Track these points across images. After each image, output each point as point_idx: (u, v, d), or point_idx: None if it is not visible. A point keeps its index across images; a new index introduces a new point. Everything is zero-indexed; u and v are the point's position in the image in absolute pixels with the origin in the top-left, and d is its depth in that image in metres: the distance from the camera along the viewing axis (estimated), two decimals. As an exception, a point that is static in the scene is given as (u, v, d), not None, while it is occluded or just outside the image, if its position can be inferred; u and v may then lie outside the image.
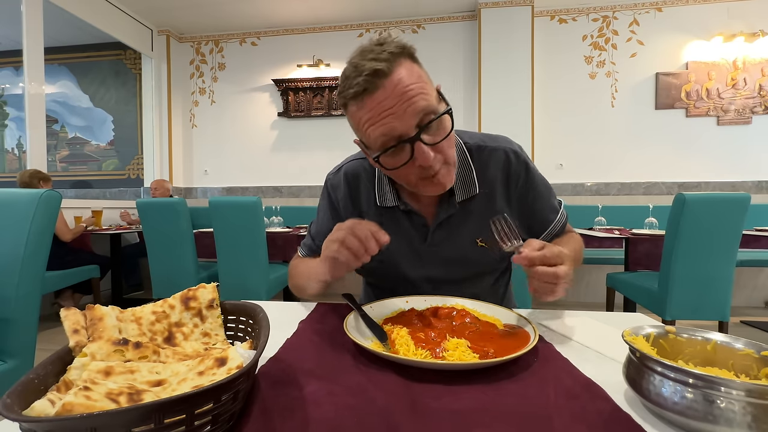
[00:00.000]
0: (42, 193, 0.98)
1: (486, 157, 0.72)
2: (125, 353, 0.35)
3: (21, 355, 0.97)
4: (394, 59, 0.54)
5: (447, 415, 0.33)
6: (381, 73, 0.53)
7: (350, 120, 0.62)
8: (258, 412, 0.33)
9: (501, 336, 0.49)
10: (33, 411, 0.26)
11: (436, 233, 0.72)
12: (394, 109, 0.54)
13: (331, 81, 3.67)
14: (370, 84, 0.53)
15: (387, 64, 0.53)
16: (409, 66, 0.56)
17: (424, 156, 0.56)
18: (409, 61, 0.56)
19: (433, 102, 0.56)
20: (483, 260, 0.73)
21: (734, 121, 3.23)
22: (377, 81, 0.53)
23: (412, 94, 0.54)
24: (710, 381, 0.29)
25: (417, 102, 0.54)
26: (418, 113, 0.54)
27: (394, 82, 0.53)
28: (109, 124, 4.28)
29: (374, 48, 0.56)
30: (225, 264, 2.24)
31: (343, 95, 0.58)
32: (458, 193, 0.70)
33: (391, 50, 0.54)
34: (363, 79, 0.54)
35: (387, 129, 0.55)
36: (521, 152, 0.74)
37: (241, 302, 0.47)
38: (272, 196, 3.88)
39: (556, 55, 3.43)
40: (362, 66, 0.54)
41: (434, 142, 0.57)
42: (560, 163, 3.46)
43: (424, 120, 0.55)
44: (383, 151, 0.57)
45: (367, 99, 0.55)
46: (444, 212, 0.70)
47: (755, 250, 2.52)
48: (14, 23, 2.77)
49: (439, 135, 0.57)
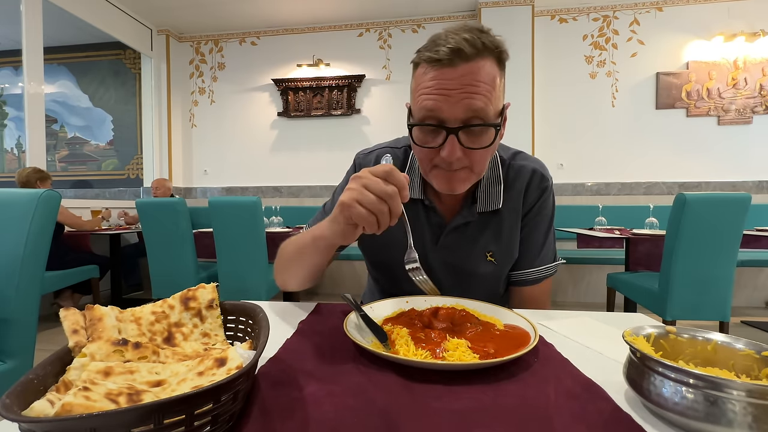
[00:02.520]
0: (41, 193, 0.98)
1: (515, 173, 0.71)
2: (125, 353, 0.35)
3: (20, 355, 0.97)
4: (483, 51, 0.53)
5: (447, 415, 0.33)
6: (464, 54, 0.52)
7: (413, 80, 0.60)
8: (258, 412, 0.33)
9: (501, 336, 0.48)
10: (32, 411, 0.26)
11: (450, 236, 0.71)
12: (453, 93, 0.53)
13: (331, 81, 3.67)
14: (448, 58, 0.52)
15: (474, 51, 0.52)
16: (491, 67, 0.54)
17: (451, 151, 0.55)
18: (494, 62, 0.55)
19: (491, 110, 0.55)
20: (489, 275, 0.72)
21: (735, 120, 3.23)
22: (455, 60, 0.52)
23: (476, 91, 0.53)
24: (711, 381, 0.29)
25: (474, 100, 0.53)
26: (470, 110, 0.54)
27: (468, 69, 0.52)
28: (109, 123, 4.28)
29: (474, 30, 0.54)
30: (225, 264, 2.24)
31: (420, 54, 0.57)
32: (480, 203, 0.69)
33: (486, 43, 0.53)
34: (444, 51, 0.52)
35: (435, 106, 0.54)
36: (547, 178, 0.72)
37: (240, 302, 0.47)
38: (272, 196, 3.88)
39: (557, 54, 3.43)
40: (453, 39, 0.53)
41: (468, 145, 0.56)
42: (561, 163, 3.46)
43: (471, 120, 0.54)
44: (420, 123, 0.57)
45: (438, 70, 0.54)
46: (462, 218, 0.70)
47: (756, 250, 2.51)
48: (13, 23, 2.77)
49: (476, 142, 0.56)
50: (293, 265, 0.67)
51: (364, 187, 0.47)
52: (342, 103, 3.71)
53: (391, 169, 0.48)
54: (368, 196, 0.46)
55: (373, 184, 0.47)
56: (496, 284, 0.74)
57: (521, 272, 0.74)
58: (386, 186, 0.47)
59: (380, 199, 0.46)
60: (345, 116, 3.73)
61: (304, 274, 0.66)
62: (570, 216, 3.18)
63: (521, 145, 3.28)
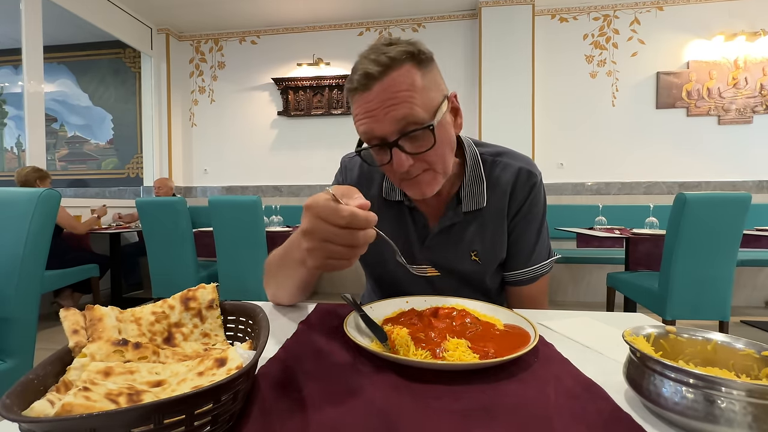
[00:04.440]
0: (41, 192, 0.98)
1: (499, 172, 0.71)
2: (125, 354, 0.35)
3: (20, 355, 0.97)
4: (392, 63, 0.54)
5: (447, 415, 0.33)
6: (372, 76, 0.54)
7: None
8: (258, 412, 0.33)
9: (501, 336, 0.48)
10: (32, 411, 0.26)
11: (436, 238, 0.71)
12: (376, 113, 0.55)
13: (331, 80, 3.67)
14: (362, 84, 0.55)
15: (381, 69, 0.54)
16: (408, 72, 0.55)
17: (399, 162, 0.57)
18: (411, 66, 0.55)
19: (419, 112, 0.55)
20: (473, 274, 0.73)
21: (735, 120, 3.22)
22: (368, 83, 0.55)
23: (396, 102, 0.54)
24: (711, 381, 0.29)
25: (398, 110, 0.54)
26: (399, 120, 0.55)
27: (382, 87, 0.54)
28: (109, 122, 4.28)
29: (380, 47, 0.56)
30: (225, 263, 2.24)
31: (346, 88, 0.60)
32: (465, 203, 0.69)
33: (393, 54, 0.54)
34: (357, 78, 0.56)
35: (367, 129, 0.57)
36: (535, 174, 0.71)
37: (240, 302, 0.47)
38: (272, 195, 3.88)
39: (557, 54, 3.43)
40: (361, 65, 0.56)
41: (414, 151, 0.57)
42: (561, 163, 3.46)
43: (405, 128, 0.55)
44: (366, 148, 0.60)
45: (358, 97, 0.57)
46: (448, 219, 0.70)
47: (756, 249, 2.52)
48: (13, 21, 2.77)
49: (420, 146, 0.57)
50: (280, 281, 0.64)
51: (328, 242, 0.41)
52: (342, 103, 3.71)
53: (351, 215, 0.40)
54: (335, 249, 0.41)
55: (338, 238, 0.41)
56: (480, 283, 0.74)
57: (517, 272, 0.73)
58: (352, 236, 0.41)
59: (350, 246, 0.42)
60: (345, 115, 3.73)
61: (292, 292, 0.63)
62: (570, 215, 3.18)
63: (521, 145, 3.29)
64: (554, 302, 3.23)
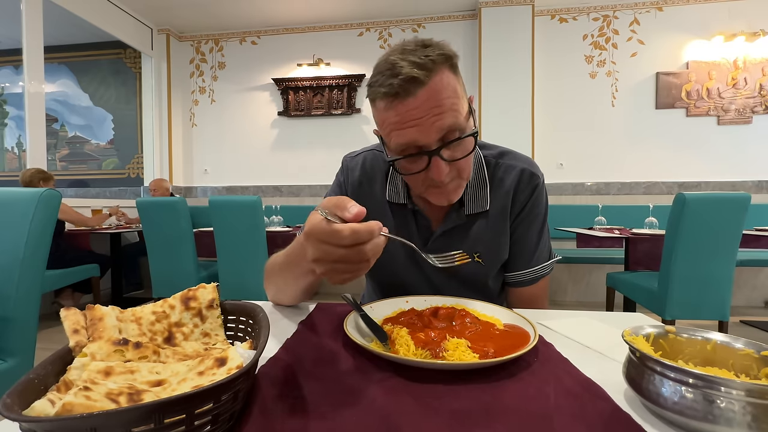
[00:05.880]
0: (42, 192, 0.98)
1: (502, 173, 0.70)
2: (125, 353, 0.35)
3: (21, 354, 0.97)
4: (434, 67, 0.51)
5: (447, 415, 0.33)
6: (418, 81, 0.50)
7: (375, 114, 0.58)
8: (258, 412, 0.33)
9: (501, 336, 0.49)
10: (33, 411, 0.26)
11: (439, 240, 0.71)
12: (422, 121, 0.52)
13: (331, 80, 3.67)
14: (404, 90, 0.51)
15: (426, 73, 0.50)
16: (448, 77, 0.53)
17: (438, 170, 0.55)
18: (449, 71, 0.53)
19: (462, 119, 0.54)
20: (476, 275, 0.72)
21: (735, 120, 3.23)
22: (411, 88, 0.51)
23: (443, 110, 0.52)
24: (710, 381, 0.29)
25: (445, 118, 0.52)
26: (444, 129, 0.53)
27: (428, 93, 0.51)
28: (109, 123, 4.28)
29: (417, 49, 0.52)
30: (225, 263, 2.24)
31: (373, 90, 0.54)
32: (468, 206, 0.69)
33: (434, 57, 0.51)
34: (398, 82, 0.51)
35: (410, 138, 0.53)
36: (537, 175, 0.70)
37: (241, 302, 0.47)
38: (272, 195, 3.88)
39: (557, 54, 3.43)
40: (400, 67, 0.51)
41: (453, 158, 0.56)
42: (560, 163, 3.46)
43: (448, 136, 0.54)
44: (403, 156, 0.56)
45: (398, 103, 0.52)
46: (451, 222, 0.70)
47: (755, 249, 2.52)
48: (14, 22, 2.77)
49: (459, 152, 0.56)
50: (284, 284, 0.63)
51: (339, 263, 0.41)
52: (342, 103, 3.71)
53: (352, 234, 0.39)
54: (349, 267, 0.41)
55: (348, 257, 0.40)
56: (483, 284, 0.74)
57: (518, 273, 0.73)
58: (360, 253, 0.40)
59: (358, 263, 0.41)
60: (345, 116, 3.73)
61: (296, 295, 0.63)
62: (570, 215, 3.18)
63: (521, 145, 3.29)
64: (554, 302, 3.23)
